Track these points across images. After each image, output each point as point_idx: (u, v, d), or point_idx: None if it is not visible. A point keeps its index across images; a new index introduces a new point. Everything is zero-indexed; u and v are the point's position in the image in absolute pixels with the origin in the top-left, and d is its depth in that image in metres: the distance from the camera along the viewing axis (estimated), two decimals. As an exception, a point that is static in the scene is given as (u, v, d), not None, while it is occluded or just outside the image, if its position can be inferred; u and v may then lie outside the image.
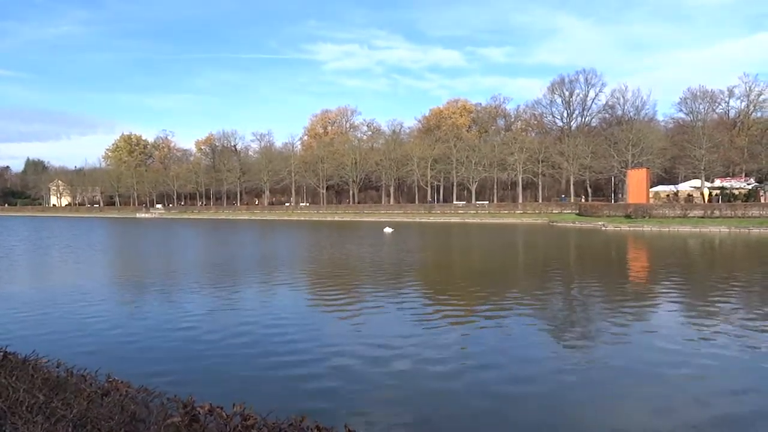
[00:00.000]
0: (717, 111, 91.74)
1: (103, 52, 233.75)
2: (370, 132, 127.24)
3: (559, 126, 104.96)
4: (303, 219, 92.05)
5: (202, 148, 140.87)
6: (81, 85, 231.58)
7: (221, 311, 14.78)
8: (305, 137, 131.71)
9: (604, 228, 52.83)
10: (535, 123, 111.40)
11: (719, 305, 14.78)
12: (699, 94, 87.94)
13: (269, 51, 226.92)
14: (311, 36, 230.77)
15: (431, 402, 8.08)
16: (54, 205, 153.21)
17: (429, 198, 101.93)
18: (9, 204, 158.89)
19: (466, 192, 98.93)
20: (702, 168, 71.00)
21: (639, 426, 7.28)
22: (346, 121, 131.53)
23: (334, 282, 20.22)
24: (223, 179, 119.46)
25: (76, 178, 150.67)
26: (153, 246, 40.72)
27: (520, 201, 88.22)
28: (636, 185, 66.70)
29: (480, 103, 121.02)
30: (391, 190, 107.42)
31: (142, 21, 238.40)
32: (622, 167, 77.78)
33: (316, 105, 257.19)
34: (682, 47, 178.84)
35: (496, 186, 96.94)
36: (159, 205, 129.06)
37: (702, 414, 7.61)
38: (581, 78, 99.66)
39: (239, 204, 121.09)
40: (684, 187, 75.25)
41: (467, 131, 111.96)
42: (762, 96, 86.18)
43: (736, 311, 14.09)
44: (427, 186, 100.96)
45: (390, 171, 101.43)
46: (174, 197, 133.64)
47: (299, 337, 11.75)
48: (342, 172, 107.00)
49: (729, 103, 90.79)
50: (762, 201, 63.17)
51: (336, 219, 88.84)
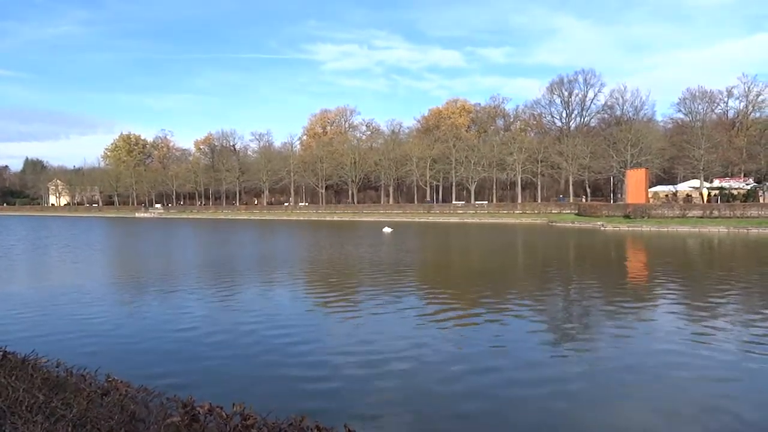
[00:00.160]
0: (716, 111, 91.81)
1: (103, 52, 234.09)
2: (369, 132, 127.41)
3: (558, 126, 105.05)
4: (302, 219, 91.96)
5: (201, 147, 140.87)
6: (81, 85, 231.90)
7: (221, 311, 14.78)
8: (304, 137, 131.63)
9: (603, 228, 52.84)
10: (534, 123, 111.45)
11: (719, 305, 14.80)
12: (698, 94, 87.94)
13: (269, 51, 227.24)
14: (311, 36, 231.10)
15: (431, 402, 8.08)
16: (53, 205, 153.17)
17: (428, 198, 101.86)
18: (8, 203, 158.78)
19: (465, 192, 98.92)
20: (701, 168, 71.01)
21: (639, 426, 7.28)
22: (345, 121, 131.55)
23: (333, 282, 20.23)
24: (222, 179, 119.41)
25: (74, 177, 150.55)
26: (152, 246, 40.68)
27: (519, 201, 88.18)
28: (635, 185, 66.70)
29: (479, 103, 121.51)
30: (390, 190, 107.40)
31: (142, 21, 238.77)
32: (621, 167, 77.79)
33: (315, 105, 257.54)
34: (681, 47, 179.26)
35: (495, 186, 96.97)
36: (158, 205, 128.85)
37: (702, 414, 7.61)
38: (580, 78, 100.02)
39: (238, 204, 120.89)
40: (683, 188, 75.30)
41: (466, 131, 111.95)
42: (761, 96, 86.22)
43: (735, 311, 14.10)
44: (426, 186, 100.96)
45: (389, 171, 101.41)
46: (173, 197, 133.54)
47: (299, 338, 11.75)
48: (341, 172, 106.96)
49: (728, 104, 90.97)
50: (761, 201, 63.22)
51: (335, 219, 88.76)
